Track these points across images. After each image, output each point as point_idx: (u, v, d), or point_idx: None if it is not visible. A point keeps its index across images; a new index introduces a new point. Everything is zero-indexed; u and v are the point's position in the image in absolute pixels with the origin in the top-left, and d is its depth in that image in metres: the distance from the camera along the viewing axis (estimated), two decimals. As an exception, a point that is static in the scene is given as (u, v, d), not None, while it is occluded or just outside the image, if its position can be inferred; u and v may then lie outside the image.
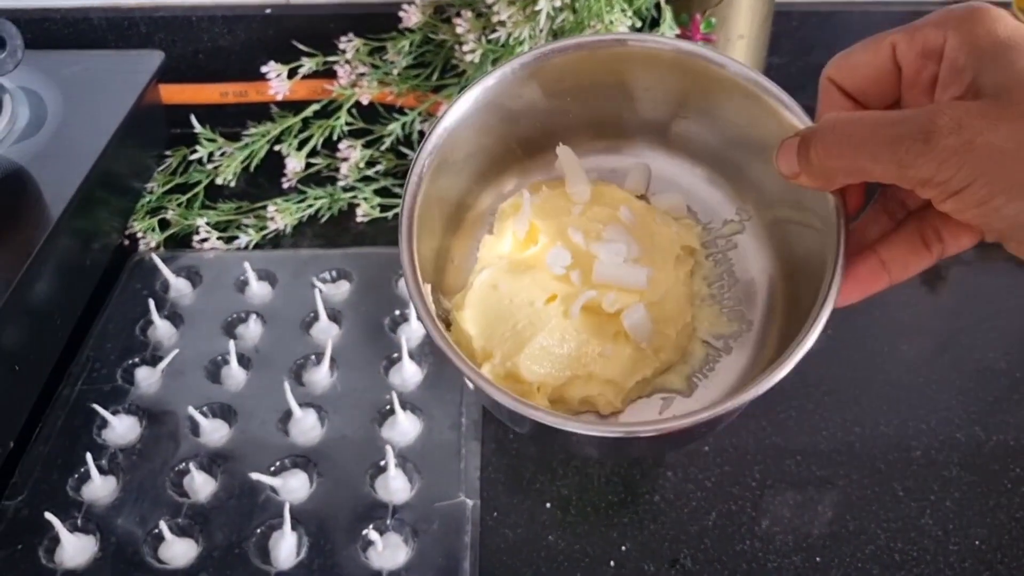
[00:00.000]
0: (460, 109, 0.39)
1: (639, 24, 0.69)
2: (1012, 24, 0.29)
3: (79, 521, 0.54)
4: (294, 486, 0.55)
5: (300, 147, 0.79)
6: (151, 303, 0.66)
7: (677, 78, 0.40)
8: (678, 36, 0.70)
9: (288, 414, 0.59)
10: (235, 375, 0.62)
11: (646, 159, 0.44)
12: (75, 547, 0.52)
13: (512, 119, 0.41)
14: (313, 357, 0.63)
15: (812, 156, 0.32)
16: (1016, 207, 0.27)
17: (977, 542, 0.53)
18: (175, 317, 0.67)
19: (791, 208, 0.39)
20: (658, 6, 0.69)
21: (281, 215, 0.76)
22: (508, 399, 0.34)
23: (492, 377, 0.37)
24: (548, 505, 0.55)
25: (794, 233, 0.39)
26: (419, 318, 0.35)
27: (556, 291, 0.39)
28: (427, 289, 0.37)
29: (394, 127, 0.78)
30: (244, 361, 0.63)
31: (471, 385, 0.35)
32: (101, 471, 0.56)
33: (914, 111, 0.28)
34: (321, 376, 0.62)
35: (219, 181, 0.79)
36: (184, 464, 0.56)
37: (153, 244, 0.75)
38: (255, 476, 0.54)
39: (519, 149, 0.42)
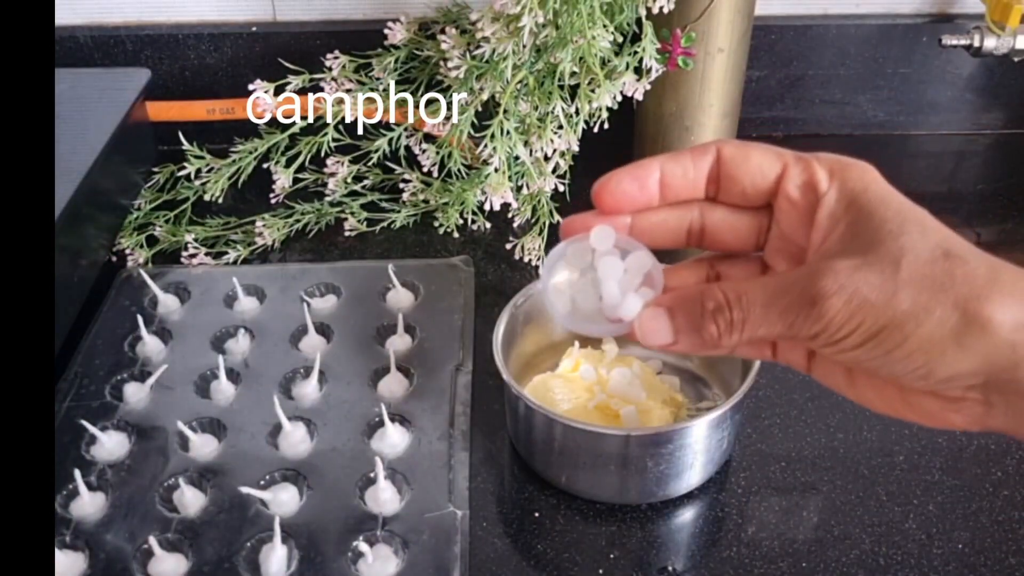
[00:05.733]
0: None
1: (620, 39, 0.70)
2: (884, 187, 0.32)
3: (68, 538, 0.53)
4: (284, 499, 0.55)
5: (288, 164, 0.80)
6: (139, 319, 0.66)
7: None
8: (659, 50, 0.71)
9: (277, 428, 0.59)
10: (224, 390, 0.62)
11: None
12: (64, 565, 0.52)
13: None
14: (302, 371, 0.64)
15: (707, 335, 0.32)
16: (883, 346, 0.30)
17: (960, 545, 0.54)
18: (163, 333, 0.67)
19: None
20: (639, 22, 0.70)
21: (269, 230, 0.76)
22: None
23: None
24: (537, 514, 0.56)
25: None
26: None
27: (584, 392, 0.59)
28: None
29: (381, 143, 0.79)
30: (233, 376, 0.63)
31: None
32: (90, 487, 0.56)
33: (794, 277, 0.31)
34: (310, 389, 0.62)
35: (207, 197, 0.80)
36: (173, 479, 0.56)
37: (141, 260, 0.75)
38: (245, 490, 0.54)
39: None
